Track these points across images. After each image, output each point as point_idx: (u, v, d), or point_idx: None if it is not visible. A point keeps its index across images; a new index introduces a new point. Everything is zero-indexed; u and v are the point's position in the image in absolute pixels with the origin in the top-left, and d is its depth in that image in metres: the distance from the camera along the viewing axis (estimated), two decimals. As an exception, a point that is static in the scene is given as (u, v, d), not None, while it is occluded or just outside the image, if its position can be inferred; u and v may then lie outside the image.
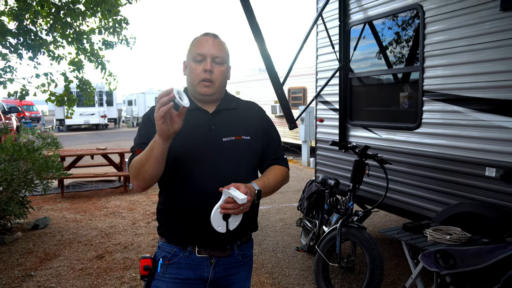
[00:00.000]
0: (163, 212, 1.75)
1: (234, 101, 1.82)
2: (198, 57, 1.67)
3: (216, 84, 1.68)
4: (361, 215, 3.71)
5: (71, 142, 16.95)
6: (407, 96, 4.14)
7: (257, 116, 1.83)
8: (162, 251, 1.73)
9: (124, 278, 3.92)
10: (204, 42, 1.68)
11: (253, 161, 1.76)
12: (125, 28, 7.28)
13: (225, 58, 1.71)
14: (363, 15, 4.43)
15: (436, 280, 2.70)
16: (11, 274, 4.02)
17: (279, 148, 1.88)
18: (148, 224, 5.65)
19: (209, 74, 1.65)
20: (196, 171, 1.64)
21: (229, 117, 1.74)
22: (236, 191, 1.49)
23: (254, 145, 1.75)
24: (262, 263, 4.35)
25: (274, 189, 1.77)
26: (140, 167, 1.54)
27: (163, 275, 1.69)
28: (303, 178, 8.83)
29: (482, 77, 3.18)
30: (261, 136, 1.78)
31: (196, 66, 1.67)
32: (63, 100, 6.79)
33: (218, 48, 1.68)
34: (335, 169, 4.90)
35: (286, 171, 1.86)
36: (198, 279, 1.70)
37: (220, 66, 1.68)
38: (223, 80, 1.72)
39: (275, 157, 1.84)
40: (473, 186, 3.26)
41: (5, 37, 5.79)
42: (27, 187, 5.13)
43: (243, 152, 1.70)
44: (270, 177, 1.76)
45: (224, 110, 1.75)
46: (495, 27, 3.07)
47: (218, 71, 1.67)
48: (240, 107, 1.81)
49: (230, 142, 1.68)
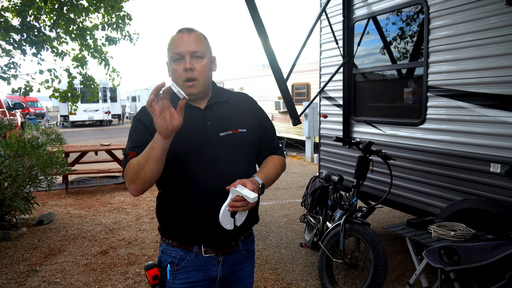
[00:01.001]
0: (165, 213, 1.72)
1: (224, 94, 1.77)
2: (176, 56, 1.60)
3: (200, 81, 1.62)
4: (365, 211, 3.70)
5: (75, 138, 17.00)
6: (411, 92, 4.12)
7: (250, 108, 1.80)
8: (167, 256, 1.70)
9: (128, 274, 3.94)
10: (179, 40, 1.61)
11: (251, 153, 1.75)
12: (128, 24, 7.29)
13: (205, 51, 1.64)
14: (367, 10, 4.41)
15: (440, 276, 2.69)
16: (17, 269, 4.04)
17: (274, 138, 1.87)
18: (152, 220, 5.67)
19: (191, 72, 1.59)
20: (197, 170, 1.60)
21: (222, 111, 1.71)
22: (244, 189, 1.48)
23: (251, 137, 1.72)
24: (266, 259, 4.35)
25: (275, 180, 1.77)
26: (138, 169, 1.48)
27: (173, 282, 1.67)
28: (307, 174, 8.82)
29: (487, 72, 3.16)
30: (256, 127, 1.76)
31: (176, 67, 1.60)
32: (66, 96, 6.81)
33: (194, 42, 1.61)
34: (339, 165, 4.88)
35: (283, 160, 1.85)
36: (208, 279, 1.69)
37: (200, 60, 1.61)
38: (207, 75, 1.65)
39: (272, 147, 1.83)
40: (478, 182, 3.25)
41: (8, 33, 5.80)
42: (31, 183, 5.15)
43: (241, 145, 1.68)
44: (271, 169, 1.75)
45: (216, 104, 1.71)
46: (500, 22, 3.04)
47: (200, 67, 1.61)
48: (232, 99, 1.77)
49: (227, 136, 1.65)
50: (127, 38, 7.37)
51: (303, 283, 3.80)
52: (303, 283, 3.80)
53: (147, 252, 4.46)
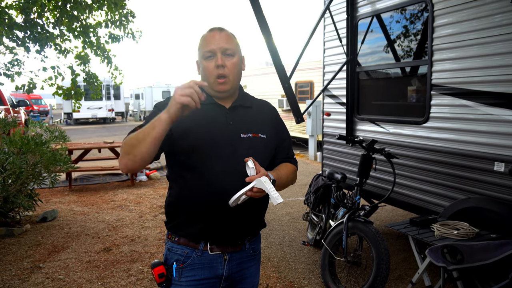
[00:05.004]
0: (175, 206, 1.72)
1: (249, 99, 1.80)
2: (207, 54, 1.63)
3: (231, 78, 1.65)
4: (367, 209, 3.70)
5: (78, 136, 17.06)
6: (415, 90, 4.11)
7: (270, 116, 1.82)
8: (174, 254, 1.71)
9: (131, 271, 3.95)
10: (211, 38, 1.65)
11: (267, 159, 1.75)
12: (132, 21, 7.28)
13: (236, 49, 1.67)
14: (371, 8, 4.39)
15: (443, 275, 2.68)
16: (20, 266, 4.06)
17: (290, 148, 1.88)
18: (155, 218, 5.68)
19: (222, 69, 1.62)
20: (213, 165, 1.60)
21: (245, 114, 1.73)
22: (272, 188, 1.47)
23: (270, 144, 1.74)
24: (269, 257, 4.36)
25: (285, 184, 1.77)
26: (135, 143, 1.46)
27: (179, 279, 1.68)
28: (310, 172, 8.81)
29: (491, 71, 3.14)
30: (275, 135, 1.78)
31: (207, 64, 1.63)
32: (70, 94, 6.82)
33: (226, 40, 1.64)
34: (342, 163, 4.88)
35: (295, 170, 1.86)
36: (214, 277, 1.69)
37: (231, 58, 1.64)
38: (238, 73, 1.68)
39: (286, 156, 1.84)
40: (481, 181, 3.23)
41: (12, 30, 5.82)
42: (35, 180, 5.17)
43: (259, 149, 1.68)
44: (283, 172, 1.76)
45: (240, 107, 1.73)
46: (505, 20, 3.02)
47: (231, 64, 1.64)
48: (255, 106, 1.80)
49: (248, 139, 1.66)
50: (130, 36, 7.37)
51: (306, 281, 3.80)
52: (305, 281, 3.80)
53: (150, 249, 4.47)
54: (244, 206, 1.59)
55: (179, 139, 1.58)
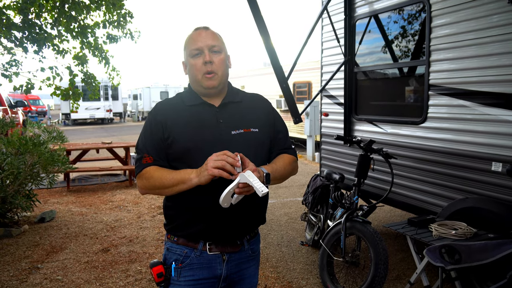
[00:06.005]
0: (173, 208, 1.72)
1: (239, 94, 1.81)
2: (195, 52, 1.66)
3: (219, 74, 1.67)
4: (366, 209, 3.70)
5: (76, 136, 17.03)
6: (412, 90, 4.12)
7: (263, 108, 1.82)
8: (172, 253, 1.71)
9: (129, 272, 3.95)
10: (197, 36, 1.68)
11: (262, 153, 1.74)
12: (130, 22, 7.28)
13: (222, 46, 1.70)
14: (368, 8, 4.40)
15: (441, 275, 2.69)
16: (18, 266, 4.06)
17: (287, 139, 1.87)
18: (153, 218, 5.67)
19: (210, 65, 1.65)
20: None
21: (236, 110, 1.73)
22: (256, 180, 1.44)
23: (262, 137, 1.74)
24: (267, 257, 4.36)
25: (283, 176, 1.76)
26: (160, 187, 1.60)
27: (177, 279, 1.68)
28: (308, 173, 8.82)
29: (489, 71, 3.15)
30: (268, 128, 1.77)
31: (195, 61, 1.66)
32: (68, 94, 6.82)
33: (212, 38, 1.68)
34: (340, 163, 4.88)
35: (294, 160, 1.84)
36: (212, 277, 1.70)
37: (219, 54, 1.67)
38: (225, 69, 1.71)
39: (283, 147, 1.83)
40: (479, 181, 3.24)
41: (10, 30, 5.81)
42: (33, 181, 5.16)
43: (252, 144, 1.68)
44: (279, 164, 1.74)
45: (230, 103, 1.74)
46: (502, 20, 3.03)
47: (218, 60, 1.67)
48: (246, 100, 1.80)
49: (239, 135, 1.67)
50: (128, 36, 7.37)
51: (304, 281, 3.80)
52: (303, 281, 3.80)
53: (148, 250, 4.46)
54: (243, 205, 1.59)
55: (171, 144, 1.62)
